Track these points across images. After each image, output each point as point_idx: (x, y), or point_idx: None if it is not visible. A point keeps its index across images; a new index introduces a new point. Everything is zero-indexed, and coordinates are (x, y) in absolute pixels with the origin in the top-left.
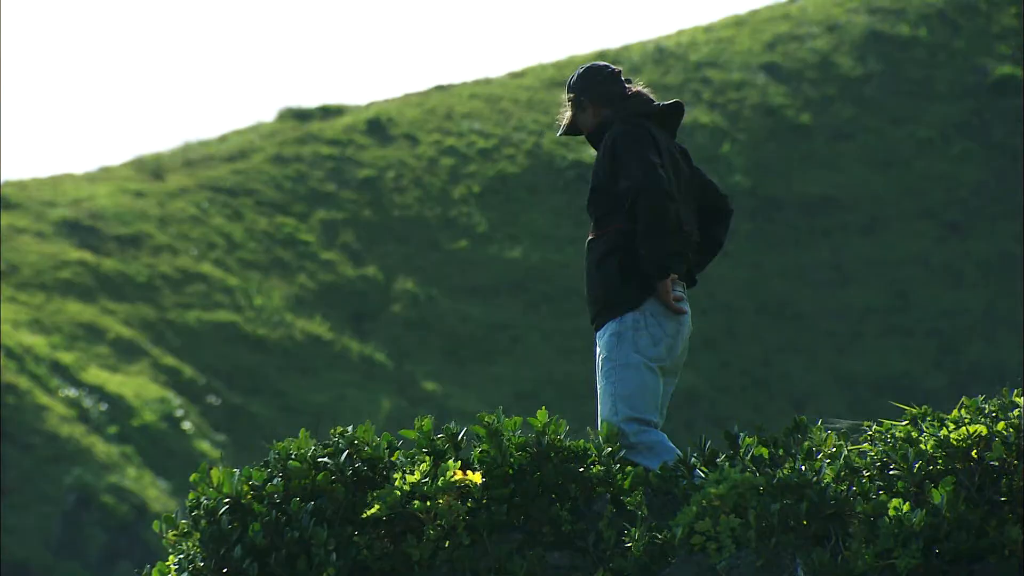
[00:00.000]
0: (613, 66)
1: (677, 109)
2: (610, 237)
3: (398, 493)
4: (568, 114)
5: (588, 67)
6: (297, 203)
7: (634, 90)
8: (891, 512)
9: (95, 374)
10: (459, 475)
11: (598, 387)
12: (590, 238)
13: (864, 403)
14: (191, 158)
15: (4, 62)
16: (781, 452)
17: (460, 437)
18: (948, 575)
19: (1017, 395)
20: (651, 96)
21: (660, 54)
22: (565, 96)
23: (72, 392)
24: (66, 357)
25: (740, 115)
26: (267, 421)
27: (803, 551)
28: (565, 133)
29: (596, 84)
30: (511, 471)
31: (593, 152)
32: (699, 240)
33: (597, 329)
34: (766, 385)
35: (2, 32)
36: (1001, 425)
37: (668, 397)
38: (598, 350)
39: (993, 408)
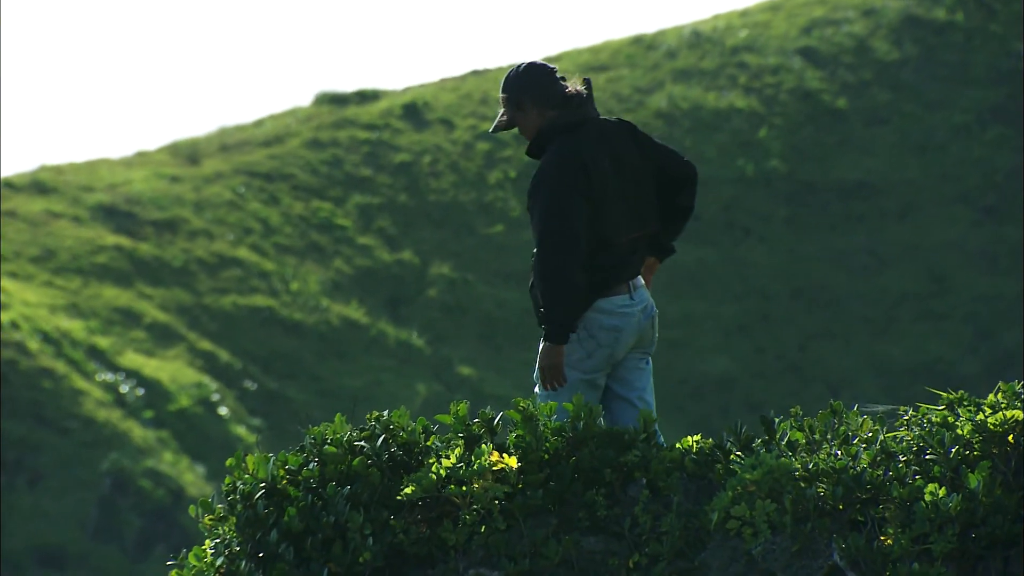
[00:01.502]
0: (550, 64)
1: (589, 88)
2: None
3: (433, 477)
4: (504, 113)
5: (528, 66)
6: (333, 188)
7: (570, 90)
8: (927, 497)
9: (131, 359)
10: (495, 457)
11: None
12: (534, 253)
13: (900, 388)
14: (227, 143)
15: (39, 48)
16: (817, 437)
17: (496, 422)
18: (984, 560)
19: None
20: (582, 94)
21: (696, 39)
22: (502, 96)
23: (109, 377)
24: (103, 342)
25: (776, 100)
26: (303, 406)
27: (839, 536)
28: (499, 131)
29: (537, 84)
30: (546, 456)
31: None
32: (649, 228)
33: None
34: (801, 370)
35: (5, 21)
36: None
37: (648, 375)
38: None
39: None
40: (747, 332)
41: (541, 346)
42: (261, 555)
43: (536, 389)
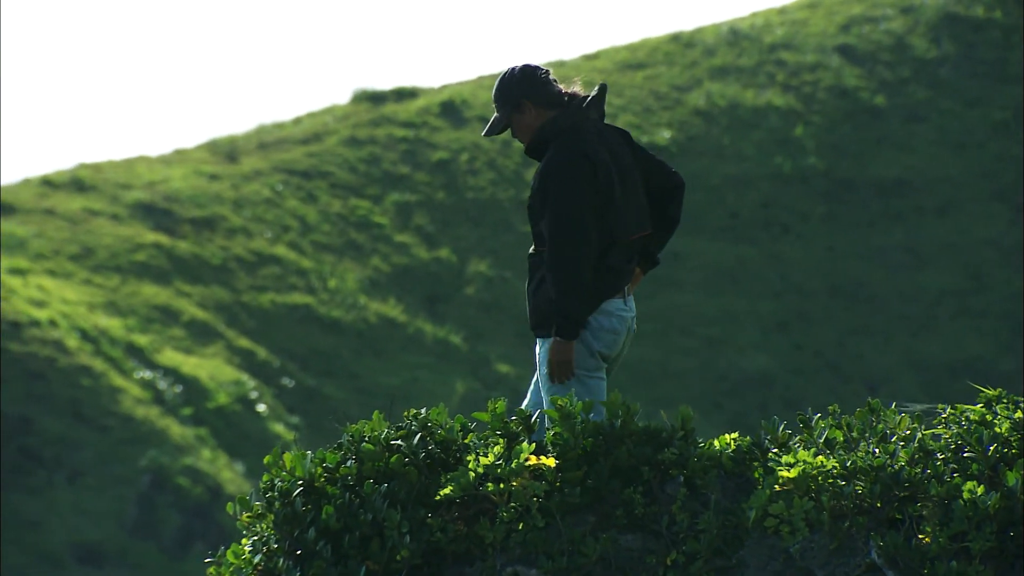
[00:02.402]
0: (543, 67)
1: (602, 93)
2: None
3: (472, 475)
4: (500, 115)
5: (524, 67)
6: (371, 185)
7: (568, 91)
8: (965, 495)
9: (170, 356)
10: (532, 460)
11: (543, 396)
12: (531, 252)
13: (938, 386)
14: (265, 140)
15: (78, 46)
16: (855, 435)
17: (533, 419)
18: (1023, 559)
19: None
20: (582, 94)
21: (734, 36)
22: (497, 97)
23: (147, 374)
24: (141, 339)
25: (814, 97)
26: (341, 403)
27: (876, 534)
28: (493, 133)
29: (535, 86)
30: (583, 453)
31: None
32: (649, 229)
33: (537, 336)
34: (840, 368)
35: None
36: None
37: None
38: (538, 359)
39: None
40: (785, 329)
41: (541, 345)
42: (299, 553)
43: (543, 390)
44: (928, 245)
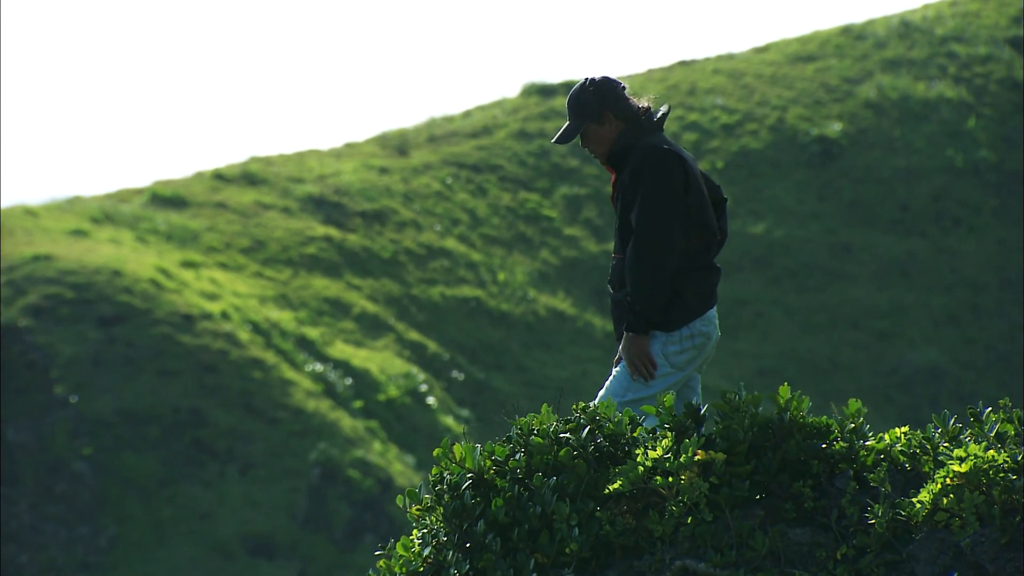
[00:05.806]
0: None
1: (667, 113)
2: None
3: (641, 469)
4: (574, 124)
5: (604, 79)
6: (540, 179)
7: (642, 105)
8: None
9: (340, 349)
10: (700, 455)
11: (614, 371)
12: (619, 257)
13: None
14: (435, 134)
15: (250, 41)
16: None
17: (702, 412)
18: None
19: None
20: (650, 107)
21: (905, 28)
22: (575, 106)
23: (318, 367)
24: (312, 332)
25: (986, 90)
26: (510, 396)
27: None
28: (564, 141)
29: (617, 98)
30: (752, 447)
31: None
32: (724, 235)
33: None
34: (1011, 361)
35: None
36: None
37: (698, 385)
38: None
39: None
40: (956, 323)
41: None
42: (468, 545)
43: (617, 368)
44: None
